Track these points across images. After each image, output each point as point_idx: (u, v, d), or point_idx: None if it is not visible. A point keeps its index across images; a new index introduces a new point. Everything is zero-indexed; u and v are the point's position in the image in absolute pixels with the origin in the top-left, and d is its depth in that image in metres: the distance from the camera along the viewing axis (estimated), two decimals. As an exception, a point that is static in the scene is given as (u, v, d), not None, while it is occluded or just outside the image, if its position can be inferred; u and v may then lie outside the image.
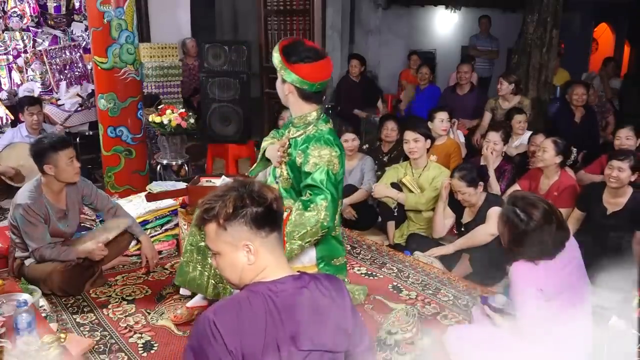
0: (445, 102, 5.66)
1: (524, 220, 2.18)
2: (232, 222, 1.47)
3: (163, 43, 6.28)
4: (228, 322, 1.39)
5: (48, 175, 2.99)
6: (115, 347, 2.54)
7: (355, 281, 3.18)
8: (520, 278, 2.18)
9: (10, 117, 5.30)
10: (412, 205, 3.77)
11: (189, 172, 5.05)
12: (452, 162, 4.41)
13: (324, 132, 2.57)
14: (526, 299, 2.17)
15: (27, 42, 5.64)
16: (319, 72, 2.51)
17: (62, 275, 2.92)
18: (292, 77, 2.49)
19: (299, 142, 2.61)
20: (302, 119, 2.62)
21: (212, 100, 5.08)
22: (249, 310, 1.42)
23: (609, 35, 10.80)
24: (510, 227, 2.22)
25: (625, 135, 4.09)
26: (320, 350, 1.48)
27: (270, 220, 1.50)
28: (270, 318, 1.42)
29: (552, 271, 2.17)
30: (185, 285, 2.79)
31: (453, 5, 9.62)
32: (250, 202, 1.47)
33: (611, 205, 3.35)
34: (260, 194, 1.49)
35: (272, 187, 1.57)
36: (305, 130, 2.61)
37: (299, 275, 1.54)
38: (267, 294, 1.46)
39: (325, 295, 1.53)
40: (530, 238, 2.17)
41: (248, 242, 1.48)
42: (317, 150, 2.51)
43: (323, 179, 2.47)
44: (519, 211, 2.20)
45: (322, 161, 2.49)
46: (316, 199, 2.46)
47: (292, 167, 2.64)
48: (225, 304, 1.45)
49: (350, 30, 9.25)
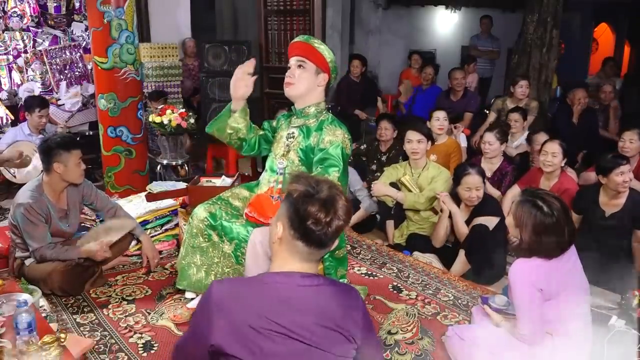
0: (439, 107, 5.66)
1: (548, 214, 2.16)
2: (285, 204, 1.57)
3: (163, 43, 6.27)
4: (224, 291, 1.52)
5: (53, 174, 2.99)
6: (115, 347, 2.54)
7: (355, 281, 3.18)
8: (520, 278, 2.18)
9: (11, 117, 5.30)
10: (410, 204, 3.77)
11: (189, 172, 5.06)
12: (452, 162, 4.41)
13: (334, 118, 2.77)
14: (525, 299, 2.17)
15: (27, 42, 5.63)
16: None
17: (62, 275, 2.92)
18: (336, 69, 2.77)
19: (313, 127, 2.73)
20: (317, 107, 2.76)
21: (212, 100, 5.08)
22: (246, 288, 1.55)
23: (609, 35, 10.80)
24: (534, 220, 2.18)
25: (629, 138, 4.09)
26: (302, 341, 1.48)
27: (311, 240, 1.54)
28: (262, 301, 1.50)
29: (552, 271, 2.16)
30: (192, 287, 2.78)
31: (453, 5, 9.62)
32: (314, 213, 1.51)
33: (609, 206, 3.35)
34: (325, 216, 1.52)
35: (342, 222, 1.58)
36: (317, 118, 2.75)
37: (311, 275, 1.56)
38: (268, 281, 1.54)
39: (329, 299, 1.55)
40: (551, 231, 2.15)
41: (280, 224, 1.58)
42: (332, 130, 2.67)
43: (338, 152, 2.61)
44: (541, 203, 2.18)
45: (337, 139, 2.64)
46: (328, 170, 2.56)
47: (307, 152, 2.72)
48: (232, 279, 1.53)
49: (350, 30, 9.25)
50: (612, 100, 5.73)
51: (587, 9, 9.25)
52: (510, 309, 2.47)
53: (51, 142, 3.02)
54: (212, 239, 2.69)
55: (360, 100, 6.54)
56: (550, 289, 2.15)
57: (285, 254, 1.58)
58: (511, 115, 4.93)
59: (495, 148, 4.12)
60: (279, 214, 1.60)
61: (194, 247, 2.71)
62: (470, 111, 5.81)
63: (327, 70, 2.70)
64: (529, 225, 2.19)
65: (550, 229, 2.15)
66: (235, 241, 2.61)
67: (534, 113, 5.27)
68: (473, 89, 6.60)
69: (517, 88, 5.35)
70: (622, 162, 3.28)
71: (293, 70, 2.69)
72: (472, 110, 5.82)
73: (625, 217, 3.30)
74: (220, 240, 2.67)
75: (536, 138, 4.38)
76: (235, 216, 2.70)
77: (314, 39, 2.75)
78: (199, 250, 2.70)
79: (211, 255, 2.69)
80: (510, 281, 2.21)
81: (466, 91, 5.98)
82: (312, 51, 2.66)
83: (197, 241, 2.70)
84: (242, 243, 2.58)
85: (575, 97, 5.28)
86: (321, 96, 2.76)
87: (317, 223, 1.51)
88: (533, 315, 2.17)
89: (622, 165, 3.26)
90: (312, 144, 2.69)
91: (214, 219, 2.66)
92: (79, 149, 3.05)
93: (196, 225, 2.69)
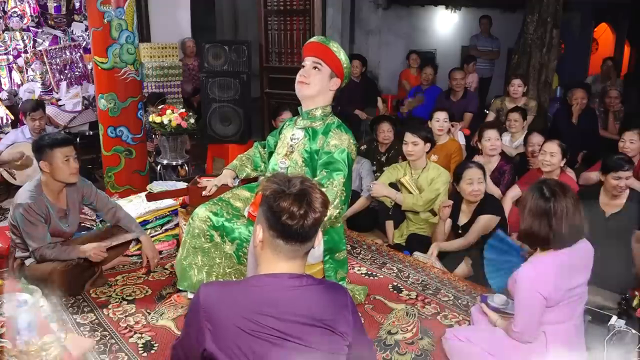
0: (439, 107, 5.67)
1: (545, 197, 2.14)
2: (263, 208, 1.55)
3: (163, 43, 6.28)
4: (211, 295, 1.52)
5: (45, 173, 2.99)
6: (115, 347, 2.54)
7: (355, 281, 3.18)
8: (527, 282, 2.16)
9: (11, 117, 5.30)
10: (409, 206, 3.77)
11: (189, 172, 5.06)
12: (453, 163, 4.41)
13: (341, 122, 2.78)
14: (527, 303, 2.16)
15: (27, 42, 5.63)
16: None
17: (62, 275, 2.92)
18: (349, 75, 2.79)
19: (319, 130, 2.74)
20: (324, 110, 2.76)
21: (212, 100, 5.08)
22: (235, 292, 1.55)
23: (609, 35, 10.79)
24: (531, 202, 2.16)
25: (630, 139, 4.08)
26: (293, 342, 1.48)
27: (289, 235, 1.53)
28: (251, 303, 1.49)
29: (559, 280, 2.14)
30: (192, 288, 2.77)
31: (453, 5, 9.62)
32: (287, 207, 1.49)
33: (609, 207, 3.35)
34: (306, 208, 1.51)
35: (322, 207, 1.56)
36: (324, 121, 2.76)
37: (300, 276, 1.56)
38: (256, 284, 1.55)
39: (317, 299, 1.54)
40: (545, 217, 2.13)
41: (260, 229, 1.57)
42: (338, 135, 2.69)
43: (344, 157, 2.63)
44: (544, 188, 2.17)
45: (343, 144, 2.65)
46: (333, 175, 2.56)
47: (312, 154, 2.72)
48: (220, 282, 1.52)
49: (350, 30, 9.25)
50: (617, 105, 5.73)
51: (587, 9, 9.24)
52: (509, 308, 2.47)
53: (40, 140, 3.03)
54: (214, 240, 2.68)
55: (360, 100, 6.53)
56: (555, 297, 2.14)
57: (269, 255, 1.57)
58: (511, 115, 4.93)
59: (498, 144, 4.12)
60: (258, 218, 1.60)
61: (195, 248, 2.71)
62: (470, 111, 5.82)
63: (341, 75, 2.70)
64: (525, 207, 2.18)
65: (544, 214, 2.12)
66: (237, 241, 2.61)
67: (532, 113, 5.27)
68: (473, 89, 6.60)
69: (510, 87, 5.38)
70: (624, 167, 3.22)
71: (308, 70, 2.68)
72: (472, 111, 5.83)
73: (626, 217, 3.29)
74: (222, 240, 2.67)
75: (530, 139, 4.38)
76: (237, 216, 2.70)
77: (332, 41, 2.73)
78: (200, 251, 2.70)
79: (213, 256, 2.69)
80: (517, 283, 2.18)
81: (466, 91, 5.99)
82: (329, 54, 2.66)
83: (198, 242, 2.70)
84: (243, 243, 2.58)
85: (574, 97, 5.28)
86: (330, 100, 2.77)
87: (292, 217, 1.49)
88: (531, 318, 2.17)
89: (622, 171, 3.22)
90: (317, 146, 2.69)
91: (215, 220, 2.66)
92: (67, 146, 2.98)
93: (198, 226, 2.69)
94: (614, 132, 5.52)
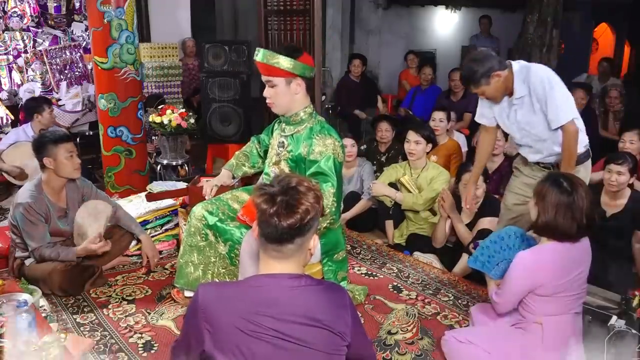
0: (438, 107, 5.66)
1: (567, 191, 2.17)
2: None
3: (163, 43, 6.27)
4: (210, 296, 1.52)
5: (48, 170, 2.99)
6: (115, 347, 2.54)
7: (355, 281, 3.18)
8: (525, 266, 2.21)
9: (11, 117, 5.29)
10: (409, 205, 3.77)
11: (189, 172, 5.06)
12: (453, 163, 4.41)
13: (324, 124, 2.70)
14: (518, 283, 2.24)
15: (27, 42, 5.64)
16: (310, 58, 2.70)
17: (62, 275, 2.92)
18: (305, 69, 2.61)
19: (302, 136, 2.68)
20: (305, 113, 2.70)
21: (212, 100, 5.08)
22: (233, 292, 1.55)
23: (609, 35, 10.79)
24: (553, 196, 2.18)
25: (630, 139, 4.08)
26: (292, 342, 1.48)
27: (266, 235, 1.52)
28: (249, 304, 1.49)
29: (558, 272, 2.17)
30: (189, 286, 2.79)
31: (453, 5, 9.62)
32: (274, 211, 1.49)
33: (610, 207, 3.35)
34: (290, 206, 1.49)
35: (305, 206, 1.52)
36: (306, 124, 2.69)
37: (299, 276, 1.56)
38: (255, 284, 1.54)
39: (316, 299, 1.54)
40: (568, 211, 2.16)
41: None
42: (321, 139, 2.61)
43: (330, 166, 2.56)
44: (563, 181, 2.19)
45: (327, 150, 2.58)
46: (322, 186, 2.50)
47: (298, 161, 2.68)
48: (218, 282, 1.51)
49: (350, 30, 9.25)
50: (618, 105, 5.72)
51: (587, 9, 9.24)
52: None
53: (41, 138, 3.04)
54: (208, 239, 2.69)
55: (360, 100, 6.53)
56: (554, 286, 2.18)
57: (262, 254, 1.58)
58: None
59: (500, 144, 4.11)
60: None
61: (191, 246, 2.73)
62: (470, 112, 5.81)
63: (297, 73, 2.59)
64: (547, 201, 2.20)
65: (568, 207, 2.16)
66: (230, 242, 2.62)
67: None
68: (473, 90, 6.58)
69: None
70: (619, 160, 3.26)
71: (268, 91, 2.65)
72: (472, 111, 5.82)
73: (626, 217, 3.29)
74: (216, 240, 2.68)
75: None
76: (232, 218, 2.71)
77: (269, 53, 2.58)
78: (196, 249, 2.72)
79: (208, 255, 2.70)
80: (515, 261, 2.24)
81: (466, 92, 5.98)
82: (270, 69, 2.57)
83: (194, 240, 2.71)
84: (236, 245, 2.58)
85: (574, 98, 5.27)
86: (305, 100, 2.69)
87: (263, 215, 1.49)
88: (515, 297, 2.28)
89: (614, 164, 3.25)
90: (302, 153, 2.65)
91: (210, 218, 2.67)
92: (69, 142, 3.03)
93: (194, 224, 2.70)
94: (614, 132, 5.51)
